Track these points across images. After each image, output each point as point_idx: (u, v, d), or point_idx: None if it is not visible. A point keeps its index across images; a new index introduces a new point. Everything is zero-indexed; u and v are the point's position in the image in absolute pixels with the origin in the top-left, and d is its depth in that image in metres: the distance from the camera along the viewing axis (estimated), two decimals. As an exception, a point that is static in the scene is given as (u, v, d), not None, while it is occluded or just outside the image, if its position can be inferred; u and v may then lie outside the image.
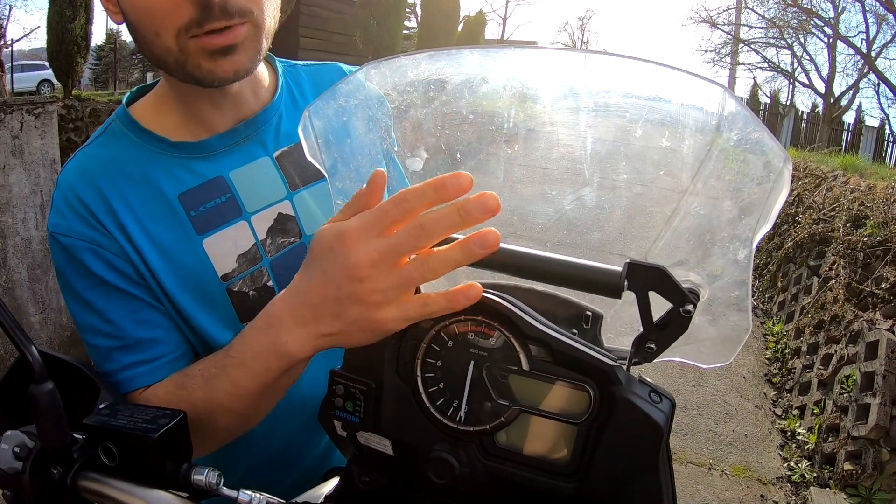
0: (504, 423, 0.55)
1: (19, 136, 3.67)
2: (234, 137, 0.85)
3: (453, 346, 0.56)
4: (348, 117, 0.61)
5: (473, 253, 0.50)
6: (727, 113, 0.49)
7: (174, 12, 0.69)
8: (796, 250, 5.54)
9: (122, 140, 0.82)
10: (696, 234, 0.53)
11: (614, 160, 0.55)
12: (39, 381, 0.57)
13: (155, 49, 0.73)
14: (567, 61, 0.57)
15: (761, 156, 0.50)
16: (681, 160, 0.52)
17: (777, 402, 4.28)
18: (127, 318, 0.78)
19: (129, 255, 0.78)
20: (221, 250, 0.82)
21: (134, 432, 0.56)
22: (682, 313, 0.51)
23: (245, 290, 0.84)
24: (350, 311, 0.55)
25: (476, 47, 0.58)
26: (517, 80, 0.58)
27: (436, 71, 0.59)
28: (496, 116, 0.57)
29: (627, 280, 0.51)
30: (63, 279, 0.80)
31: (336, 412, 0.62)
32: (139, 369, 0.78)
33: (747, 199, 0.50)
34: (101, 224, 0.78)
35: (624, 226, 0.57)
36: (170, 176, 0.81)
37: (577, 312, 0.60)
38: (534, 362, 0.54)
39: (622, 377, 0.52)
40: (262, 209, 0.85)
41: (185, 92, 0.81)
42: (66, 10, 7.04)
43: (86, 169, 0.80)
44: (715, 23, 19.82)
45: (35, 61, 21.72)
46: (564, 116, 0.55)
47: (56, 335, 3.89)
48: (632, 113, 0.53)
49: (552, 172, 0.56)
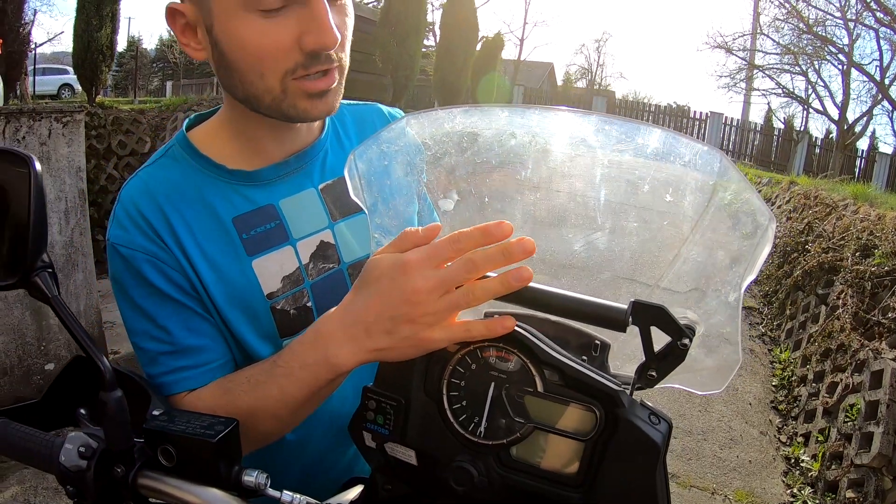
0: (519, 439, 0.62)
1: (47, 142, 3.76)
2: (285, 169, 0.92)
3: (476, 368, 0.63)
4: (388, 161, 0.69)
5: (511, 286, 0.60)
6: (723, 175, 0.57)
7: (284, 57, 0.77)
8: (805, 278, 5.55)
9: (182, 163, 0.89)
10: (693, 277, 0.61)
11: (624, 210, 0.63)
12: (109, 389, 0.64)
13: (254, 88, 0.80)
14: (584, 122, 0.64)
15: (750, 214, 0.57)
16: (682, 213, 0.60)
17: (782, 429, 4.30)
18: (178, 326, 0.85)
19: (185, 268, 0.85)
20: (268, 271, 0.89)
21: (193, 437, 0.63)
22: (680, 346, 0.58)
23: (287, 308, 0.91)
24: (402, 330, 0.63)
25: (506, 106, 0.65)
26: (541, 136, 0.66)
27: (469, 124, 0.67)
28: (521, 167, 0.65)
29: (632, 316, 0.58)
30: (119, 286, 0.86)
31: (367, 424, 0.69)
32: (186, 373, 0.85)
33: (737, 251, 0.58)
34: (160, 238, 0.84)
35: (631, 267, 0.64)
36: (225, 200, 0.88)
37: (588, 341, 0.67)
38: (547, 385, 0.61)
39: (625, 401, 0.59)
40: (307, 236, 0.92)
41: (248, 123, 0.88)
42: (93, 20, 7.21)
43: (148, 187, 0.87)
44: (730, 48, 19.83)
45: (57, 65, 21.99)
46: (581, 170, 0.63)
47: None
48: (641, 171, 0.60)
49: (569, 218, 0.64)
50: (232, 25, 0.77)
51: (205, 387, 0.85)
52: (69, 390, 0.85)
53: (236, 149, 0.90)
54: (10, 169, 0.72)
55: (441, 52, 11.14)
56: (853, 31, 17.36)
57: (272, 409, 0.77)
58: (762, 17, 19.12)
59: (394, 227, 0.65)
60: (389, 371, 0.68)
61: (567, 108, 0.63)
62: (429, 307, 0.62)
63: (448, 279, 0.61)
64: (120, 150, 6.61)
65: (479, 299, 0.62)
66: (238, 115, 0.89)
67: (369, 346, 0.66)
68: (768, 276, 6.47)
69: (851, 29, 17.34)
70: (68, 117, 3.84)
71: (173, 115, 6.95)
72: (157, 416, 0.69)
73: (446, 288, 0.62)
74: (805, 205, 6.86)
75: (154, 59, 33.15)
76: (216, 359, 0.87)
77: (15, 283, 0.70)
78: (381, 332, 0.65)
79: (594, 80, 40.10)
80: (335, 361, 0.69)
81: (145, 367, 0.87)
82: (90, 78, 7.38)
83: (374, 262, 0.65)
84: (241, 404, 0.79)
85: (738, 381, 4.83)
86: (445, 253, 0.61)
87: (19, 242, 0.70)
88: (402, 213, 0.65)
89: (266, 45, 0.76)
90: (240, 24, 0.76)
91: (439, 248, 0.62)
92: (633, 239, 0.63)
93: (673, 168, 0.60)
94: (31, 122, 3.67)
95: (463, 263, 0.61)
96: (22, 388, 3.60)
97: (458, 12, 10.82)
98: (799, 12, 17.86)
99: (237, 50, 0.78)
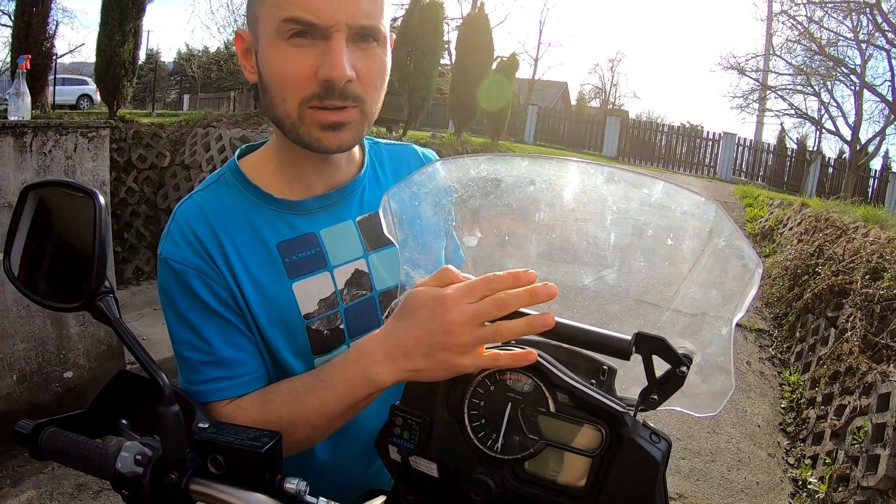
0: (533, 454, 0.69)
1: (73, 156, 3.86)
2: (327, 201, 1.00)
3: (495, 390, 0.71)
4: (419, 202, 0.77)
5: (535, 329, 0.70)
6: (718, 224, 0.64)
7: (302, 85, 0.85)
8: (815, 301, 5.56)
9: (233, 189, 0.98)
10: (691, 312, 0.68)
11: (631, 251, 0.70)
12: (168, 404, 0.72)
13: (277, 111, 0.89)
14: (596, 173, 0.72)
15: (741, 259, 0.65)
16: (681, 256, 0.68)
17: (790, 451, 4.32)
18: (220, 339, 0.92)
19: (230, 286, 0.93)
20: (307, 293, 0.97)
21: (243, 447, 0.70)
22: (678, 373, 0.65)
23: (321, 329, 0.98)
24: (438, 356, 0.73)
25: (526, 156, 0.73)
26: (557, 184, 0.73)
27: (493, 171, 0.75)
28: (538, 210, 0.73)
29: (635, 346, 0.66)
30: (168, 297, 0.94)
31: (393, 439, 0.76)
32: (224, 384, 0.92)
33: (728, 290, 0.65)
34: (210, 257, 0.92)
35: (636, 301, 0.72)
36: (271, 226, 0.96)
37: (596, 366, 0.74)
38: (559, 406, 0.68)
39: (629, 421, 0.66)
40: (343, 264, 1.00)
41: (293, 155, 0.97)
42: (116, 35, 7.35)
43: (201, 209, 0.95)
44: (743, 70, 19.84)
45: (76, 76, 22.31)
46: (592, 215, 0.71)
47: (93, 347, 4.03)
48: (645, 217, 0.68)
49: (581, 256, 0.71)
50: (268, 52, 0.87)
51: (245, 396, 0.92)
52: (112, 403, 0.92)
53: (282, 179, 0.99)
54: (76, 201, 0.80)
55: (457, 73, 11.22)
56: (865, 51, 17.39)
57: (311, 419, 0.85)
58: (775, 38, 19.17)
59: (422, 260, 0.73)
60: (415, 391, 0.75)
61: (579, 159, 0.71)
62: (462, 338, 0.71)
63: (480, 314, 0.71)
64: (140, 164, 6.72)
65: (505, 337, 0.72)
66: (283, 148, 0.97)
67: (407, 366, 0.76)
68: (779, 298, 6.47)
69: (863, 49, 17.37)
70: (94, 132, 3.94)
71: (193, 130, 7.05)
72: (205, 428, 0.76)
73: (478, 322, 0.71)
74: (816, 227, 6.88)
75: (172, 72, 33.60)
76: (252, 371, 0.94)
77: (79, 305, 0.78)
78: (418, 356, 0.75)
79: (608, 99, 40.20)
80: (375, 378, 0.78)
81: (185, 375, 0.94)
82: (112, 91, 7.51)
83: (416, 293, 0.75)
84: (281, 413, 0.87)
85: (747, 403, 4.85)
86: (480, 291, 0.71)
87: (84, 268, 0.77)
88: (430, 248, 0.73)
89: (289, 71, 0.85)
90: (274, 51, 0.86)
91: (475, 287, 0.72)
92: (639, 276, 0.70)
93: (674, 216, 0.68)
94: (57, 137, 3.76)
95: (494, 301, 0.71)
96: (40, 394, 3.68)
97: (473, 34, 10.91)
98: (811, 33, 17.90)
99: (269, 73, 0.88)
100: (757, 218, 9.91)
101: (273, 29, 0.85)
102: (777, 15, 18.85)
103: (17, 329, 3.54)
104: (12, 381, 3.53)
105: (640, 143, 21.66)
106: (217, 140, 6.61)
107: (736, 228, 0.64)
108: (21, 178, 3.55)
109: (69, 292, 0.80)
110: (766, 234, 8.85)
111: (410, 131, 10.08)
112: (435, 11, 9.70)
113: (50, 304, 0.82)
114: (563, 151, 18.00)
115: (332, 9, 0.82)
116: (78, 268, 0.79)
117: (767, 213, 9.77)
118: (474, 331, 0.71)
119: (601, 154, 20.64)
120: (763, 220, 9.49)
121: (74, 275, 0.79)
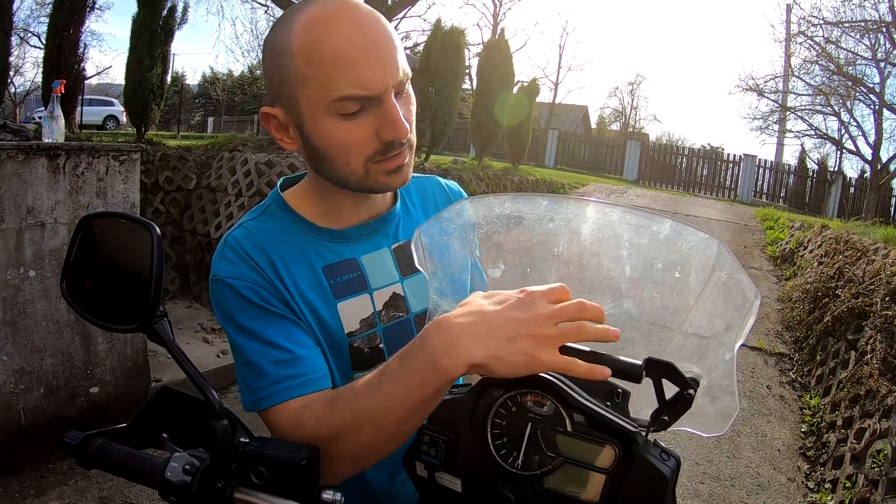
0: (551, 470, 0.74)
1: (104, 178, 3.96)
2: (366, 230, 1.09)
3: (516, 410, 0.76)
4: (447, 237, 0.84)
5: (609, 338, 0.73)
6: (720, 258, 0.71)
7: (365, 147, 0.92)
8: (835, 324, 5.52)
9: (279, 218, 1.06)
10: (697, 338, 0.74)
11: (643, 282, 0.76)
12: (218, 419, 0.78)
13: (342, 172, 0.96)
14: (610, 211, 0.79)
15: (741, 291, 0.71)
16: (688, 287, 0.74)
17: (810, 475, 4.28)
18: (281, 337, 0.96)
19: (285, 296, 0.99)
20: (349, 313, 1.04)
21: (285, 460, 0.76)
22: (686, 395, 0.71)
23: (362, 346, 1.05)
24: (521, 342, 0.73)
25: (546, 196, 0.80)
26: (574, 221, 0.80)
27: (516, 209, 0.82)
28: (558, 245, 0.79)
29: (646, 371, 0.71)
30: (227, 315, 0.98)
31: (421, 456, 0.82)
32: (291, 382, 0.93)
33: (730, 320, 0.71)
34: (264, 272, 0.98)
35: (648, 328, 0.78)
36: (316, 252, 1.04)
37: (612, 388, 0.80)
38: (575, 425, 0.74)
39: (641, 440, 0.72)
40: (382, 287, 1.08)
41: (331, 192, 1.04)
42: (145, 60, 7.54)
43: (252, 235, 1.02)
44: (762, 91, 19.75)
45: (102, 97, 22.82)
46: (607, 249, 0.77)
47: (119, 365, 4.11)
48: (655, 252, 0.74)
49: (597, 287, 0.78)
50: (320, 127, 0.93)
51: (311, 395, 0.93)
52: (155, 418, 0.99)
53: (323, 210, 1.07)
54: (133, 230, 0.88)
55: (478, 99, 11.32)
56: (884, 70, 17.29)
57: (376, 416, 0.81)
58: (793, 58, 19.09)
59: (449, 290, 0.80)
60: (442, 412, 0.81)
61: (596, 198, 0.78)
62: (546, 329, 0.73)
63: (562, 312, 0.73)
64: (167, 186, 6.87)
65: (584, 336, 0.73)
66: (321, 184, 1.05)
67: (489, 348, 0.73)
68: (799, 321, 6.44)
69: (882, 68, 17.27)
70: (125, 156, 4.06)
71: (219, 153, 7.19)
72: (248, 442, 0.82)
73: (560, 319, 0.73)
74: (836, 249, 6.85)
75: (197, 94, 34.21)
76: (316, 370, 0.96)
77: (137, 327, 0.85)
78: (503, 338, 0.73)
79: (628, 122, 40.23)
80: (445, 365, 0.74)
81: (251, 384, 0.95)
82: (140, 115, 7.68)
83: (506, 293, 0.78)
84: (344, 412, 0.84)
85: (767, 427, 4.82)
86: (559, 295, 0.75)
87: (140, 294, 0.85)
88: (457, 279, 0.80)
89: (350, 141, 0.92)
90: (326, 126, 0.92)
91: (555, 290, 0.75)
92: (650, 306, 0.76)
93: (680, 251, 0.74)
94: (89, 159, 3.86)
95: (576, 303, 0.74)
96: (66, 408, 3.75)
97: (494, 60, 11.03)
98: (829, 54, 17.84)
99: (326, 146, 0.94)
100: (778, 241, 9.87)
101: (323, 107, 0.90)
102: (794, 36, 18.79)
103: (46, 344, 3.64)
104: (39, 394, 3.61)
105: (660, 166, 21.64)
106: (243, 164, 6.74)
107: (736, 262, 0.70)
108: (54, 199, 3.65)
109: (126, 315, 0.87)
110: (786, 257, 8.81)
111: (432, 156, 10.17)
112: (456, 38, 9.83)
113: (108, 325, 0.89)
114: (584, 176, 18.02)
115: (380, 77, 0.88)
116: (134, 293, 0.86)
117: (788, 236, 9.73)
118: (557, 326, 0.73)
119: (622, 178, 20.61)
120: (784, 243, 9.45)
121: (131, 299, 0.86)
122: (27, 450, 3.52)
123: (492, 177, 10.42)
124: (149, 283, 0.84)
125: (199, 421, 0.84)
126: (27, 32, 21.71)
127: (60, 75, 7.24)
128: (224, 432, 0.78)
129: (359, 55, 0.87)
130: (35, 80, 22.51)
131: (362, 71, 0.87)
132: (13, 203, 3.46)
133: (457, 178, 8.65)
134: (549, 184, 12.80)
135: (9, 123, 3.78)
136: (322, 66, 0.88)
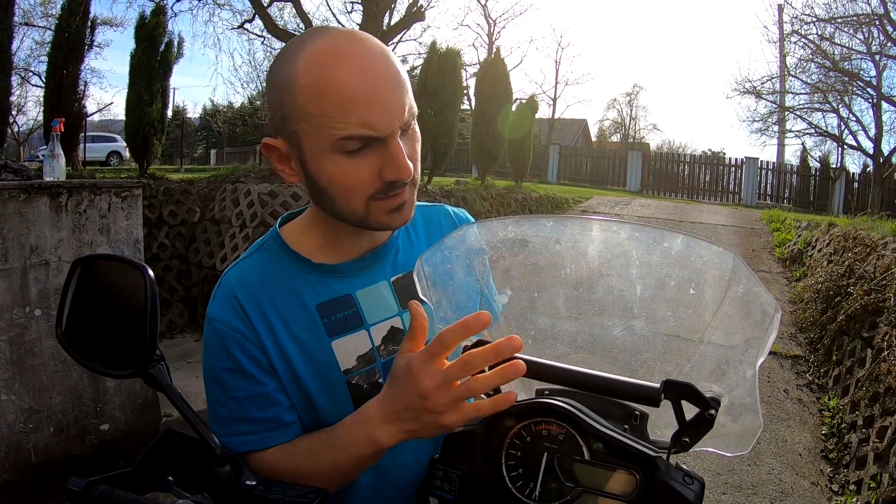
0: (570, 501, 0.72)
1: (107, 215, 3.97)
2: (362, 264, 1.06)
3: (530, 440, 0.73)
4: (451, 264, 0.81)
5: (508, 377, 0.74)
6: (736, 272, 0.68)
7: (367, 186, 0.91)
8: (849, 322, 5.45)
9: (275, 256, 1.05)
10: (716, 357, 0.71)
11: (656, 301, 0.74)
12: (220, 465, 0.76)
13: (342, 210, 0.95)
14: (619, 229, 0.76)
15: (760, 305, 0.68)
16: (704, 304, 0.71)
17: (833, 478, 4.21)
18: (248, 400, 0.98)
19: (266, 348, 0.98)
20: (345, 351, 1.02)
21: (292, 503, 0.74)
22: (707, 416, 0.68)
23: (360, 383, 1.03)
24: (423, 418, 0.79)
25: (551, 217, 0.77)
26: (581, 241, 0.77)
27: (520, 232, 0.79)
28: (564, 267, 0.76)
29: (664, 393, 0.68)
30: (207, 354, 1.01)
31: (435, 491, 0.79)
32: (249, 437, 0.98)
33: (750, 335, 0.68)
34: (249, 320, 0.98)
35: (664, 349, 0.75)
36: (310, 289, 1.02)
37: (629, 412, 0.77)
38: (593, 453, 0.71)
39: (662, 465, 0.68)
40: (379, 322, 1.05)
41: (332, 226, 1.03)
42: (145, 95, 7.61)
43: (245, 277, 1.02)
44: (759, 93, 19.72)
45: (105, 133, 23.04)
46: (617, 269, 0.74)
47: (129, 401, 4.10)
48: (668, 269, 0.71)
49: (608, 309, 0.75)
50: (321, 163, 0.91)
51: (269, 450, 0.98)
52: (159, 460, 0.96)
53: (320, 245, 1.05)
54: (126, 273, 0.86)
55: (477, 119, 11.33)
56: (879, 62, 17.28)
57: (326, 474, 0.92)
58: (788, 58, 19.08)
59: (455, 320, 0.77)
60: (454, 444, 0.78)
61: (603, 217, 0.75)
62: (439, 400, 0.77)
63: (450, 376, 0.76)
64: (171, 220, 6.88)
65: (479, 391, 0.76)
66: (322, 218, 1.03)
67: (402, 428, 0.83)
68: (812, 322, 6.37)
69: (878, 61, 17.26)
70: (127, 192, 4.07)
71: (222, 185, 7.21)
72: (255, 485, 0.79)
73: (450, 383, 0.76)
74: (845, 247, 6.79)
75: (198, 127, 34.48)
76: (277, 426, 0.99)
77: (132, 373, 0.83)
78: (408, 419, 0.81)
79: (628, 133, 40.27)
80: (377, 440, 0.85)
81: (213, 426, 1.00)
82: (142, 150, 7.73)
83: (395, 361, 0.82)
84: (301, 469, 0.94)
85: (787, 432, 4.75)
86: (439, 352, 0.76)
87: (135, 338, 0.82)
88: (463, 308, 0.77)
89: (352, 179, 0.90)
90: (328, 163, 0.90)
91: (432, 350, 0.77)
92: (665, 325, 0.73)
93: (694, 266, 0.71)
94: (91, 196, 3.87)
95: (461, 363, 0.76)
96: (76, 446, 3.73)
97: (491, 79, 11.07)
98: (824, 51, 17.85)
99: (327, 182, 0.92)
100: (785, 242, 9.81)
101: (327, 144, 0.88)
102: (788, 36, 18.82)
103: (55, 382, 3.63)
104: (49, 432, 3.60)
105: (662, 175, 21.68)
106: (246, 195, 6.75)
107: (754, 276, 0.67)
108: (57, 237, 3.66)
109: (121, 360, 0.85)
110: (795, 258, 8.74)
111: (435, 178, 10.17)
112: (452, 59, 9.87)
113: (103, 371, 0.87)
114: (588, 189, 17.99)
115: (387, 118, 0.87)
116: (129, 337, 0.84)
117: (795, 237, 9.67)
118: (449, 391, 0.76)
119: (625, 189, 20.60)
120: (791, 244, 9.39)
121: (126, 343, 0.84)
122: (38, 489, 3.49)
123: (495, 196, 10.42)
124: (143, 327, 0.81)
125: (205, 463, 0.83)
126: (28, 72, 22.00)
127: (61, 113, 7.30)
128: (227, 478, 0.76)
129: (365, 96, 0.85)
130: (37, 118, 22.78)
131: (369, 113, 0.86)
132: (17, 242, 3.47)
133: (460, 198, 8.66)
134: (552, 199, 12.78)
135: (10, 163, 3.80)
136: (327, 106, 0.86)
